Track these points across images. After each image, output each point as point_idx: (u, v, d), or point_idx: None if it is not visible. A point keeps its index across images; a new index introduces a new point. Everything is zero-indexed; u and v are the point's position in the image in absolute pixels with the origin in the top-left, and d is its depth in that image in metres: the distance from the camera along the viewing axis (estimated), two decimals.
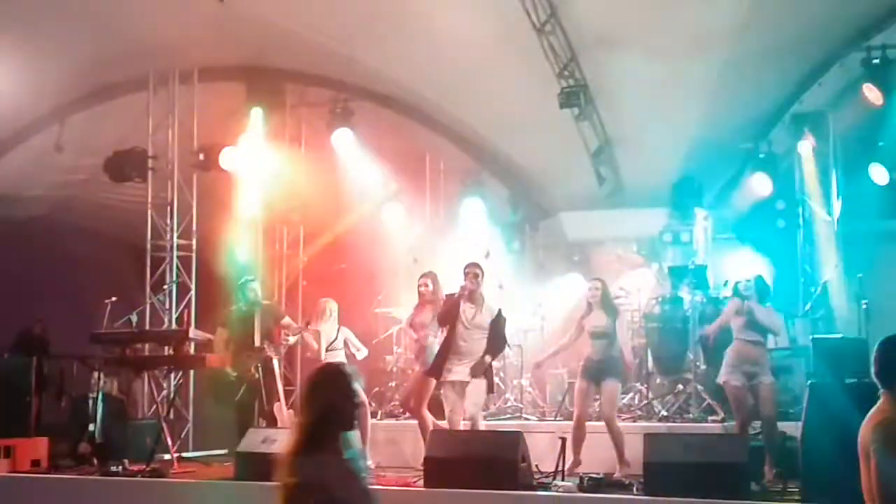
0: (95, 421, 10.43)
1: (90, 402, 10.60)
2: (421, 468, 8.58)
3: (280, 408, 10.50)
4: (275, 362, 10.67)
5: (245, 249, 13.03)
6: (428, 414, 9.72)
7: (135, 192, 13.47)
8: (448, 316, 9.28)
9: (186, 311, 12.74)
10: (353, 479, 3.84)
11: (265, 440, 9.01)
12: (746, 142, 12.52)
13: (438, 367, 9.22)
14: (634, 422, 10.58)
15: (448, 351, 9.20)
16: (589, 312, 9.56)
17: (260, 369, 10.35)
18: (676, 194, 12.61)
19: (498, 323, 9.27)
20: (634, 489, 8.05)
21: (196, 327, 11.54)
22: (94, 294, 11.51)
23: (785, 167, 12.45)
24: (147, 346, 11.63)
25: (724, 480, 7.56)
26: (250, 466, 8.88)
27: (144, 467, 9.55)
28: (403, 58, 12.13)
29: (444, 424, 9.37)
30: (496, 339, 9.26)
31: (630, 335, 11.37)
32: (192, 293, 12.97)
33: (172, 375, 12.35)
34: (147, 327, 12.07)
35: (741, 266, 11.17)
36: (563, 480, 8.40)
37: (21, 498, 9.22)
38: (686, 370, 11.39)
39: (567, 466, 8.87)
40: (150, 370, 11.65)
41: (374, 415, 11.36)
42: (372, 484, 3.95)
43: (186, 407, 12.72)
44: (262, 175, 13.12)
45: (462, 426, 9.23)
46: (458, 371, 9.11)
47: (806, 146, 12.28)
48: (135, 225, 13.33)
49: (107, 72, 12.68)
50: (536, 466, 8.76)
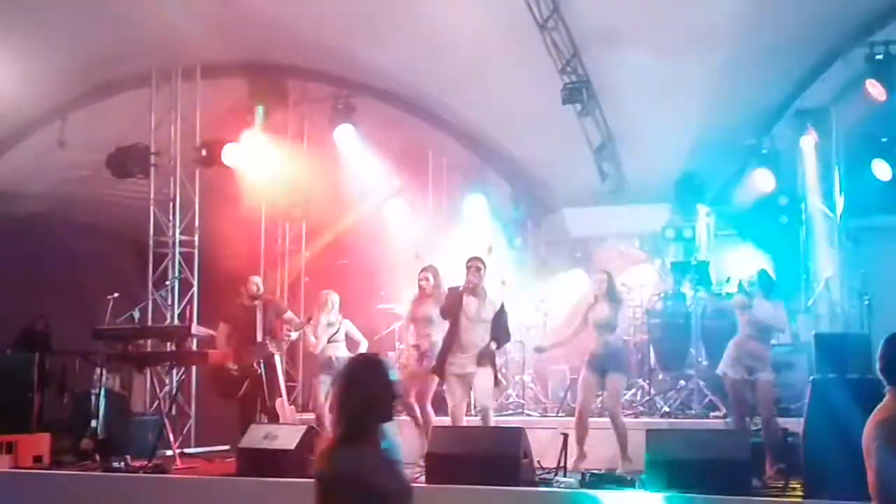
0: (98, 417, 10.41)
1: (92, 399, 10.58)
2: (422, 464, 8.57)
3: (282, 403, 10.50)
4: (277, 358, 10.67)
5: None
6: (430, 409, 9.71)
7: (137, 189, 13.46)
8: (451, 309, 9.25)
9: (188, 308, 12.73)
10: (392, 471, 3.81)
11: (267, 436, 9.02)
12: (749, 138, 12.51)
13: (441, 363, 9.20)
14: (637, 417, 10.60)
15: (451, 344, 9.18)
16: (594, 304, 9.53)
17: (262, 365, 10.37)
18: (679, 190, 12.62)
19: (501, 316, 9.26)
20: (636, 485, 8.04)
21: (198, 323, 11.55)
22: (97, 290, 11.50)
23: (787, 163, 12.43)
24: (149, 343, 11.59)
25: (726, 476, 7.55)
26: (252, 462, 8.89)
27: (146, 463, 9.53)
28: (406, 54, 12.12)
29: (447, 420, 9.36)
30: (500, 332, 9.25)
31: (632, 331, 11.38)
32: (195, 289, 12.96)
33: (174, 371, 12.36)
34: (149, 323, 12.06)
35: (743, 262, 11.17)
36: (565, 476, 8.39)
37: (23, 494, 9.21)
38: (688, 366, 11.40)
39: (573, 461, 8.88)
40: (153, 366, 11.65)
41: None
42: (410, 476, 3.90)
43: (188, 403, 12.72)
44: (265, 171, 13.12)
45: (465, 421, 9.24)
46: (462, 364, 9.09)
47: (808, 142, 12.27)
48: (137, 221, 13.32)
49: (109, 68, 12.67)
50: (538, 462, 8.74)
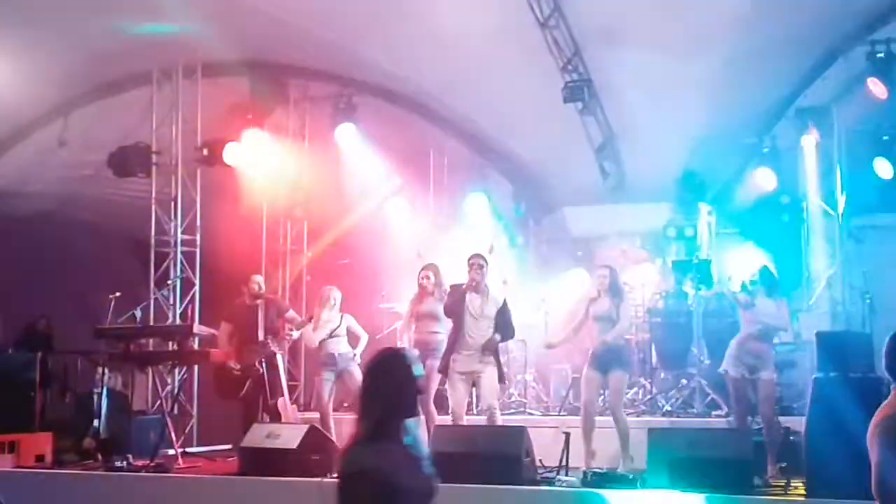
0: (100, 416, 10.44)
1: (94, 398, 10.61)
2: None
3: (284, 403, 10.49)
4: (279, 357, 10.67)
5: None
6: (433, 408, 9.71)
7: (139, 188, 13.46)
8: (454, 306, 9.25)
9: (190, 307, 12.75)
10: (415, 468, 3.77)
11: (269, 435, 9.02)
12: (750, 136, 12.49)
13: (446, 361, 9.19)
14: (638, 416, 10.58)
15: (455, 342, 9.18)
16: (596, 299, 9.49)
17: (264, 364, 10.37)
18: (680, 189, 12.61)
19: (504, 312, 9.26)
20: (638, 484, 8.04)
21: (200, 322, 11.55)
22: (99, 289, 11.51)
23: (789, 162, 12.41)
24: (151, 342, 11.60)
25: (728, 475, 7.56)
26: (254, 462, 8.91)
27: (148, 462, 9.55)
28: (407, 52, 12.11)
29: (447, 419, 9.36)
30: (504, 328, 9.25)
31: (634, 329, 11.37)
32: (196, 288, 12.96)
33: (176, 371, 12.36)
34: (151, 323, 12.07)
35: (745, 261, 11.16)
36: (567, 475, 8.39)
37: (25, 493, 9.21)
38: (690, 365, 11.40)
39: (583, 459, 8.91)
40: (155, 365, 11.63)
41: None
42: (433, 472, 3.84)
43: (190, 402, 12.72)
44: (266, 170, 13.12)
45: (465, 421, 9.24)
46: (466, 362, 9.09)
47: (810, 140, 12.25)
48: (139, 220, 13.33)
49: (110, 67, 12.68)
50: (540, 461, 8.74)
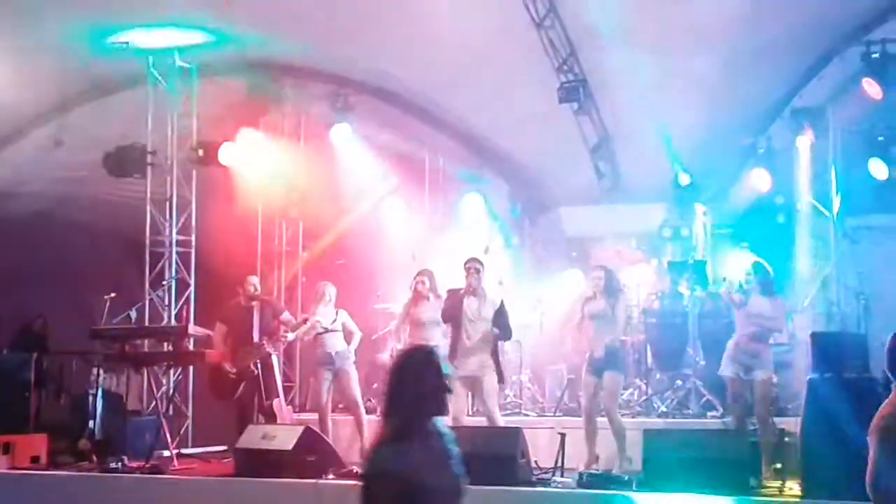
0: (95, 417, 10.42)
1: (89, 399, 10.59)
2: None
3: (279, 404, 10.49)
4: (274, 358, 10.66)
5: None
6: None
7: (134, 188, 13.41)
8: (452, 312, 9.28)
9: (185, 308, 12.72)
10: (441, 467, 3.68)
11: (264, 436, 9.01)
12: (746, 137, 12.51)
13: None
14: (634, 417, 10.57)
15: (455, 348, 9.19)
16: (592, 299, 9.51)
17: (259, 365, 10.36)
18: (676, 189, 12.61)
19: (502, 314, 9.30)
20: (634, 485, 8.04)
21: (195, 323, 11.53)
22: (94, 290, 11.51)
23: (784, 162, 12.42)
24: (146, 343, 11.59)
25: (723, 476, 7.57)
26: (250, 463, 8.90)
27: (144, 464, 9.52)
28: (403, 53, 12.11)
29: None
30: (501, 329, 9.30)
31: (629, 330, 11.36)
32: (192, 289, 12.92)
33: (172, 372, 12.32)
34: (146, 323, 12.03)
35: (740, 261, 11.16)
36: (563, 476, 8.39)
37: (20, 494, 9.21)
38: (685, 366, 11.40)
39: (584, 462, 8.96)
40: (150, 366, 11.62)
41: (374, 411, 11.33)
42: (462, 471, 3.75)
43: (186, 403, 12.68)
44: (261, 170, 13.10)
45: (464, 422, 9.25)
46: (466, 366, 9.09)
47: (805, 141, 12.25)
48: (134, 221, 13.27)
49: (106, 67, 12.66)
50: (536, 462, 8.76)
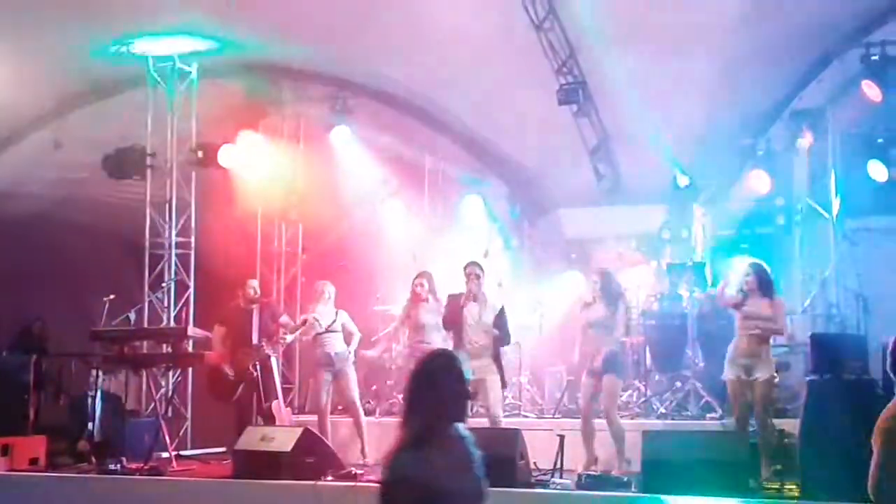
0: (94, 419, 10.41)
1: (88, 401, 10.58)
2: None
3: (278, 406, 10.50)
4: (273, 360, 10.66)
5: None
6: None
7: (133, 190, 13.41)
8: (453, 317, 9.30)
9: (185, 309, 12.72)
10: (462, 472, 3.66)
11: (263, 438, 9.01)
12: (745, 139, 12.51)
13: None
14: (633, 419, 10.57)
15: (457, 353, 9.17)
16: (591, 305, 9.51)
17: (258, 367, 10.36)
18: (675, 191, 12.61)
19: (501, 318, 9.31)
20: (633, 487, 8.04)
21: (194, 325, 11.52)
22: (93, 292, 11.49)
23: (783, 164, 12.43)
24: (145, 344, 11.58)
25: (723, 478, 7.55)
26: (248, 465, 8.88)
27: (143, 465, 9.52)
28: (403, 55, 12.11)
29: None
30: (501, 333, 9.32)
31: (627, 332, 11.35)
32: (191, 291, 12.92)
33: (171, 373, 12.32)
34: (145, 325, 12.04)
35: (740, 263, 11.15)
36: (562, 478, 8.38)
37: (19, 496, 9.20)
38: (684, 367, 11.40)
39: (583, 464, 8.94)
40: (149, 368, 11.62)
41: (373, 412, 11.34)
42: (483, 474, 3.76)
43: (185, 405, 12.68)
44: (261, 173, 13.10)
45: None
46: (469, 371, 9.05)
47: (805, 143, 12.27)
48: (134, 223, 13.26)
49: (106, 69, 12.66)
50: (535, 464, 8.75)
